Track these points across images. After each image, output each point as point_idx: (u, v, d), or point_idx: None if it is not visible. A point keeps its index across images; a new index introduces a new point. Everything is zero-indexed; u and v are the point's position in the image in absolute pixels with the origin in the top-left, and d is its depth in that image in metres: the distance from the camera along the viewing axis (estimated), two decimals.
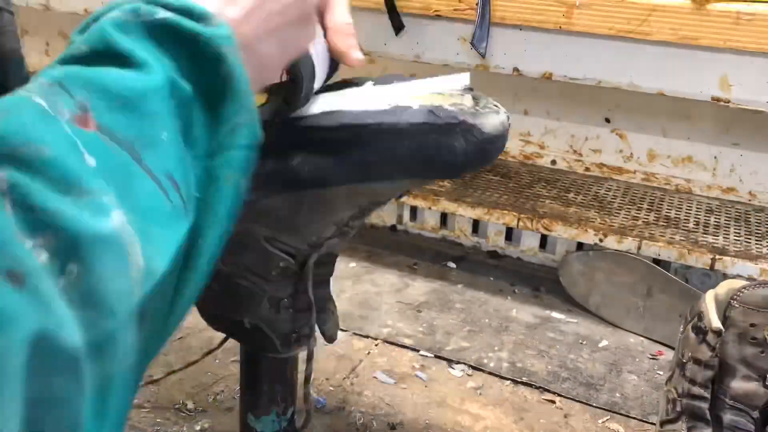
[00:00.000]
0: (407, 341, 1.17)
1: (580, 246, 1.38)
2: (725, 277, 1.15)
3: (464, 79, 0.63)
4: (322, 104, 0.61)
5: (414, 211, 1.57)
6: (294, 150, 0.60)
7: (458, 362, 1.12)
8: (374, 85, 0.63)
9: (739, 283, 0.85)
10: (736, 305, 0.84)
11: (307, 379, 0.74)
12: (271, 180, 0.61)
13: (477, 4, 1.14)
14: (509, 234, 1.50)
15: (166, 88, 0.36)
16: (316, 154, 0.60)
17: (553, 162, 1.56)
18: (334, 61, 0.59)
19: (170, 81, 0.37)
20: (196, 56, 0.38)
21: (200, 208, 0.38)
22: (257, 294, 0.68)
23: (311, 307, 0.71)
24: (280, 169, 0.60)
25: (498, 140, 0.59)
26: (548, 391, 1.07)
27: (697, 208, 1.39)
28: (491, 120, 0.58)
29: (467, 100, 0.61)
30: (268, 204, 0.62)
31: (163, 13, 0.38)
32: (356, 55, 0.57)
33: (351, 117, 0.59)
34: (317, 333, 0.75)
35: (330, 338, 0.82)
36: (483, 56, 1.17)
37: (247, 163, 0.41)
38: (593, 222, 1.28)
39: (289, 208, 0.62)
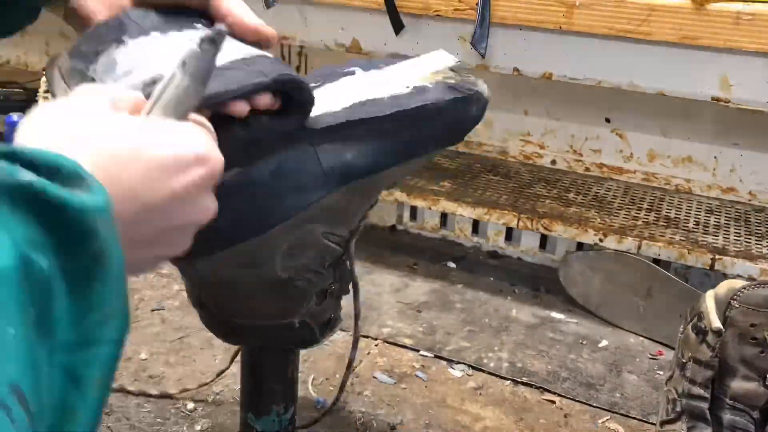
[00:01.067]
0: (407, 341, 1.17)
1: (580, 246, 1.38)
2: (725, 277, 1.15)
3: (446, 56, 0.71)
4: (343, 98, 0.64)
5: (414, 211, 1.57)
6: (346, 145, 0.63)
7: (458, 362, 1.12)
8: (364, 71, 0.68)
9: (739, 283, 0.85)
10: (736, 305, 0.84)
11: (350, 364, 0.81)
12: (329, 178, 0.62)
13: (477, 4, 1.14)
14: (509, 234, 1.50)
15: (15, 272, 0.29)
16: (368, 144, 0.63)
17: (553, 162, 1.56)
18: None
19: (23, 260, 0.29)
20: (61, 229, 0.31)
21: (57, 416, 0.31)
22: (310, 291, 0.69)
23: (357, 288, 0.74)
24: (336, 165, 0.62)
25: (487, 102, 0.69)
26: (548, 391, 1.07)
27: (697, 208, 1.39)
28: (484, 86, 0.69)
29: (456, 74, 0.69)
30: (328, 201, 0.63)
31: (25, 175, 0.31)
32: (269, 28, 0.58)
33: (390, 105, 0.64)
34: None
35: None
36: (483, 56, 1.17)
37: (116, 360, 0.34)
38: (593, 222, 1.28)
39: (345, 200, 0.65)
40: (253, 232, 0.61)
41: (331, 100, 0.64)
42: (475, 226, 1.52)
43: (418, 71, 0.68)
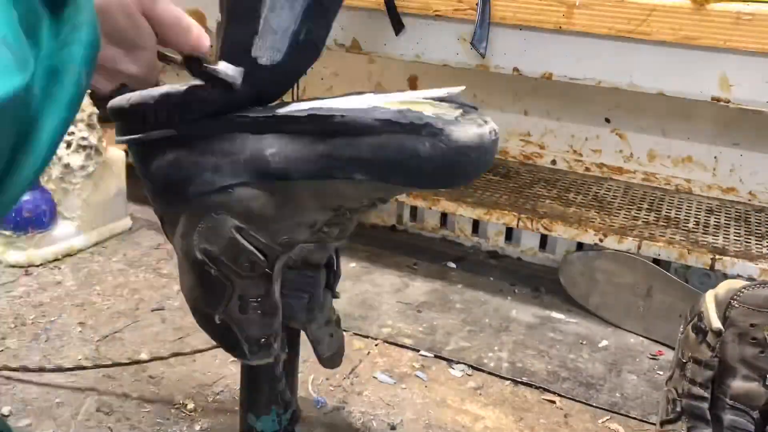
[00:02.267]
0: (407, 341, 1.17)
1: (580, 246, 1.38)
2: (725, 277, 1.15)
3: (457, 92, 0.65)
4: (307, 103, 0.64)
5: (414, 211, 1.57)
6: (270, 141, 0.64)
7: (458, 362, 1.12)
8: (376, 94, 0.64)
9: (739, 283, 0.85)
10: (736, 305, 0.84)
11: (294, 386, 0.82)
12: (246, 168, 0.64)
13: (477, 4, 1.14)
14: (509, 234, 1.50)
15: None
16: (287, 145, 0.63)
17: (553, 162, 1.56)
18: None
19: None
20: None
21: (42, 96, 0.41)
22: (227, 287, 0.69)
23: (277, 313, 0.72)
24: (255, 158, 0.64)
25: (472, 152, 0.58)
26: (548, 391, 1.07)
27: (697, 208, 1.39)
28: (466, 129, 0.57)
29: (455, 111, 0.60)
30: (241, 194, 0.65)
31: None
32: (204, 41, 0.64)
33: (321, 110, 0.61)
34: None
35: (325, 361, 0.82)
36: (483, 56, 1.17)
37: (89, 59, 0.45)
38: (593, 222, 1.28)
39: (260, 200, 0.65)
40: (173, 198, 0.68)
41: (305, 105, 0.64)
42: (475, 226, 1.52)
43: (413, 96, 0.63)
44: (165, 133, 0.66)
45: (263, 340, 0.72)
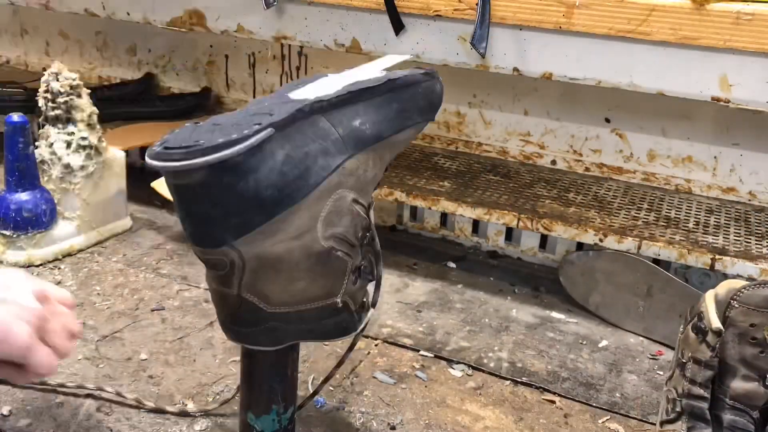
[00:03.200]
0: (407, 341, 1.17)
1: (580, 246, 1.38)
2: (725, 277, 1.15)
3: (399, 56, 0.87)
4: (332, 86, 0.73)
5: (414, 211, 1.57)
6: (350, 113, 0.71)
7: (458, 362, 1.12)
8: (335, 74, 0.80)
9: (739, 283, 0.85)
10: (736, 305, 0.84)
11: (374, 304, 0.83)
12: (347, 142, 0.70)
13: (477, 4, 1.14)
14: (509, 234, 1.50)
15: None
16: (367, 112, 0.72)
17: (553, 162, 1.56)
18: None
19: None
20: None
21: None
22: (348, 265, 0.72)
23: (376, 268, 0.79)
24: (348, 132, 0.71)
25: (443, 86, 0.80)
26: (548, 391, 1.07)
27: (697, 208, 1.39)
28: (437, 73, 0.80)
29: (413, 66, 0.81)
30: (350, 166, 0.70)
31: None
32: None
33: (376, 81, 0.73)
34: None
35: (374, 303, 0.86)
36: (483, 56, 1.17)
37: None
38: (593, 222, 1.28)
39: (363, 166, 0.72)
40: (290, 199, 0.66)
41: (320, 89, 0.72)
42: (475, 226, 1.52)
43: (381, 65, 0.81)
44: (267, 134, 0.63)
45: (364, 299, 0.78)
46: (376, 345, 1.16)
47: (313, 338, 0.75)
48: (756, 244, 1.23)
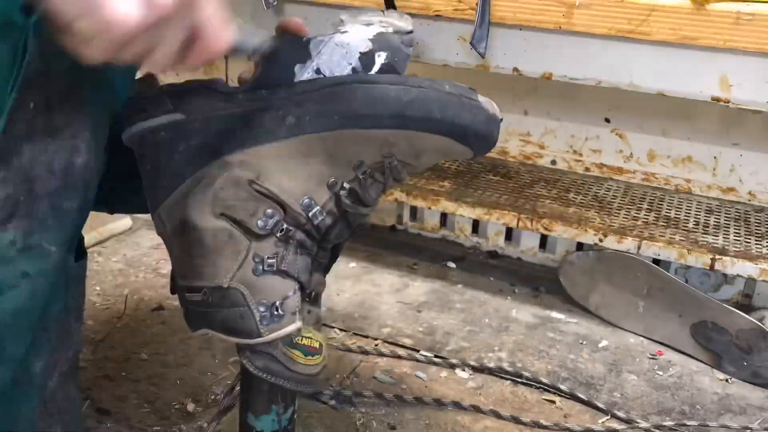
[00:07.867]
0: (407, 341, 1.17)
1: (580, 246, 1.38)
2: (725, 277, 1.15)
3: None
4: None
5: (414, 211, 1.57)
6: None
7: (458, 362, 1.12)
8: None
9: None
10: None
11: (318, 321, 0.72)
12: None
13: (477, 4, 1.14)
14: (509, 234, 1.50)
15: None
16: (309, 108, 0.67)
17: (553, 162, 1.56)
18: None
19: None
20: None
21: None
22: (242, 242, 0.66)
23: (318, 266, 0.69)
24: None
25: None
26: (548, 391, 1.07)
27: (697, 208, 1.39)
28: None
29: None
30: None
31: None
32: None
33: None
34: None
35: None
36: (483, 56, 1.17)
37: None
38: (593, 222, 1.28)
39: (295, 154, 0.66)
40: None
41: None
42: (475, 226, 1.52)
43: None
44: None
45: (278, 302, 0.66)
46: (376, 345, 1.16)
47: (215, 329, 0.69)
48: (756, 244, 1.23)
